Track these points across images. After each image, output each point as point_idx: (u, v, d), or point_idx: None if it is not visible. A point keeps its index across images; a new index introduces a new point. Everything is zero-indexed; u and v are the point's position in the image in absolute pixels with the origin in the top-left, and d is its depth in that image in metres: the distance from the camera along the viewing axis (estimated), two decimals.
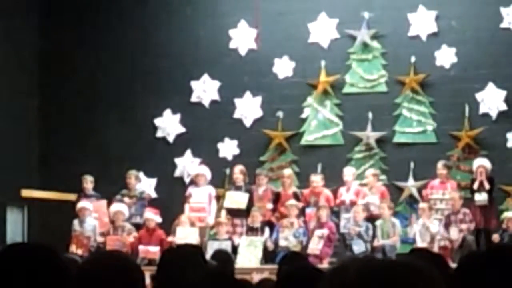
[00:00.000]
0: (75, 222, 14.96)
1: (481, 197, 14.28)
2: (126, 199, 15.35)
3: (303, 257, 7.26)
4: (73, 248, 14.43)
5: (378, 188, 15.01)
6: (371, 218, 14.54)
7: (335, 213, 14.84)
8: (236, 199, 15.05)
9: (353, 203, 14.68)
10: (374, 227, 14.39)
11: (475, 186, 14.41)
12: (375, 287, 1.62)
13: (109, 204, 15.29)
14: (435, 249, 13.31)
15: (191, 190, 15.32)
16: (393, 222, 14.42)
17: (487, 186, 14.34)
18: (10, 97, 16.16)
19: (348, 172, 15.14)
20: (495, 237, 13.95)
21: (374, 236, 14.36)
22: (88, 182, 15.60)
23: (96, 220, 15.10)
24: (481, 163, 14.65)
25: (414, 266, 1.68)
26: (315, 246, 14.05)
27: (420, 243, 13.77)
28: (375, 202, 14.70)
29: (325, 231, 14.24)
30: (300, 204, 14.84)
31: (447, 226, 14.22)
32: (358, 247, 14.10)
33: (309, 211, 14.89)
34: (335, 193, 15.03)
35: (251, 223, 14.74)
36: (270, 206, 15.07)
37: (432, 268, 1.71)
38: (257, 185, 15.24)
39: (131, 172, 15.62)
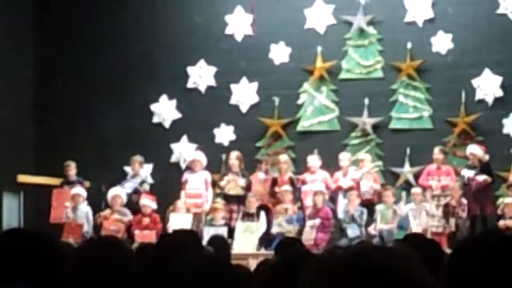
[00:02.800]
0: (68, 209, 14.91)
1: (470, 174, 14.29)
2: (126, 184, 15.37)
3: (299, 242, 7.26)
4: (65, 235, 14.31)
5: (371, 174, 15.05)
6: (367, 203, 14.57)
7: (332, 199, 14.86)
8: (237, 185, 15.04)
9: (350, 188, 14.70)
10: (372, 212, 14.42)
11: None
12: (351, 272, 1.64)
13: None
14: (428, 234, 13.31)
15: (187, 176, 15.32)
16: (394, 209, 14.42)
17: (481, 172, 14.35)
18: (6, 82, 16.11)
19: (344, 157, 15.16)
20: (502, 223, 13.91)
21: (371, 221, 14.39)
22: (72, 169, 15.54)
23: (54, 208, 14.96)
24: (470, 150, 14.66)
25: (397, 252, 1.69)
26: (308, 236, 14.02)
27: (414, 229, 13.77)
28: (371, 187, 14.74)
29: (316, 221, 14.22)
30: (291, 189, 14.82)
31: (446, 215, 14.20)
32: (353, 231, 14.12)
33: (305, 188, 14.89)
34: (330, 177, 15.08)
35: (248, 208, 14.75)
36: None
37: (412, 255, 1.72)
38: (260, 170, 15.21)
39: (135, 158, 15.60)
